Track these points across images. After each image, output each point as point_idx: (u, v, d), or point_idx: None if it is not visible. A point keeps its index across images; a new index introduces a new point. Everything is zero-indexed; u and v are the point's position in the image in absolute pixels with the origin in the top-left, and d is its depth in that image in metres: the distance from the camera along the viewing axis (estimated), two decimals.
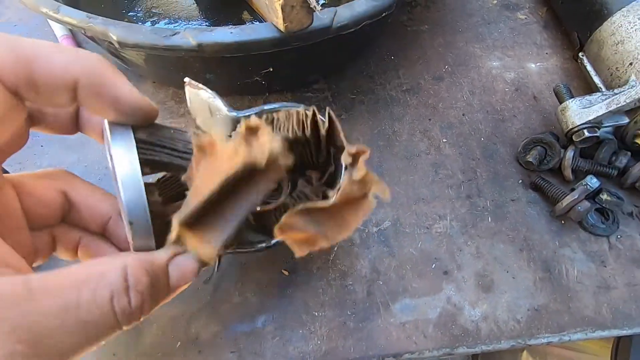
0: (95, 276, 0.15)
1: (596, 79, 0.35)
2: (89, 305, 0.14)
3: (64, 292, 0.14)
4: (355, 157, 0.19)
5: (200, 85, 0.23)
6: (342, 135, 0.21)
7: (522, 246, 0.31)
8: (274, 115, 0.22)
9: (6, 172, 0.22)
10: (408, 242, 0.31)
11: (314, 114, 0.22)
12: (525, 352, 0.60)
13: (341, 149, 0.21)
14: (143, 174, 0.17)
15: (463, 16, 0.44)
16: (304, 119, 0.22)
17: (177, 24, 0.39)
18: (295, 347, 0.26)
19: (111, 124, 0.17)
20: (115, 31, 0.25)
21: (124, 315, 0.15)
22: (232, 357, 0.26)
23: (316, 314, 0.28)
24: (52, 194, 0.20)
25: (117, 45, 0.25)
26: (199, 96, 0.24)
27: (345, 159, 0.19)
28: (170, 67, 0.32)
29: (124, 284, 0.15)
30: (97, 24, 0.25)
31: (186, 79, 0.24)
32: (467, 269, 0.30)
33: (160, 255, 0.17)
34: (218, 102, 0.23)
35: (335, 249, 0.30)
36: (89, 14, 0.25)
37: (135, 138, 0.17)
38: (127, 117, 0.17)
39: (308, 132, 0.22)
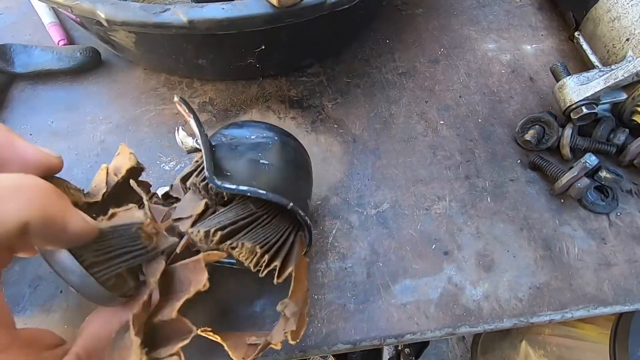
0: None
1: (593, 57, 0.35)
2: None
3: None
4: None
5: (187, 112, 0.22)
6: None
7: (522, 225, 0.30)
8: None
9: None
10: (407, 223, 0.30)
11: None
12: (524, 342, 0.60)
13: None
14: (122, 290, 0.17)
15: None
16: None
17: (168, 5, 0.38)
18: None
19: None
20: (104, 9, 0.24)
21: None
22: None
23: (315, 297, 0.27)
24: None
25: (105, 24, 0.24)
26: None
27: None
28: (161, 51, 0.32)
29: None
30: (84, 2, 0.24)
31: (176, 97, 0.23)
32: (467, 249, 0.29)
33: None
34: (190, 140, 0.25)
35: (334, 231, 0.29)
36: None
37: (83, 266, 0.16)
38: (73, 244, 0.16)
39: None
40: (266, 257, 0.20)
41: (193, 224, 0.20)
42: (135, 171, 0.23)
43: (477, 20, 0.42)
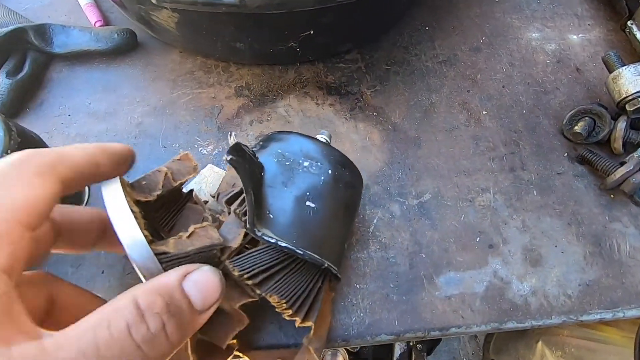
0: (107, 315, 0.14)
1: None
2: (107, 343, 0.13)
3: (78, 339, 0.13)
4: None
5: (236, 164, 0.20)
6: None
7: (570, 220, 0.29)
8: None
9: None
10: (450, 215, 0.29)
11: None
12: (540, 342, 0.59)
13: None
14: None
15: None
16: None
17: None
18: (337, 320, 0.25)
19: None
20: None
21: (147, 343, 0.14)
22: (272, 327, 0.25)
23: (358, 286, 0.26)
24: (37, 301, 0.18)
25: (154, 2, 0.24)
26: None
27: None
28: (202, 32, 0.31)
29: (137, 312, 0.14)
30: None
31: (226, 156, 0.19)
32: (513, 242, 0.28)
33: (170, 276, 0.16)
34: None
35: (375, 221, 0.29)
36: None
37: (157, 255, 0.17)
38: None
39: None
40: (291, 310, 0.20)
41: (230, 254, 0.20)
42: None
43: (520, 8, 0.41)
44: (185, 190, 0.23)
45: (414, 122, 0.33)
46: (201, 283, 0.16)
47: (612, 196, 0.30)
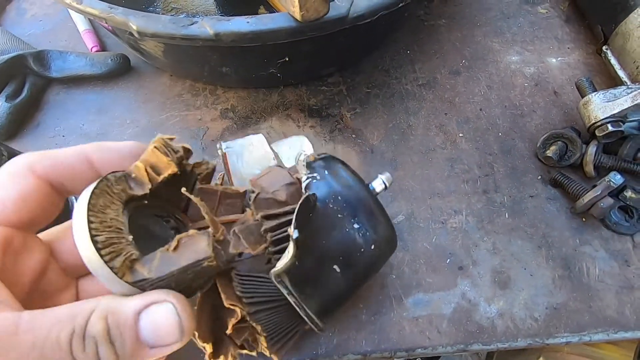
0: (67, 316, 0.14)
1: (621, 73, 0.34)
2: (52, 345, 0.14)
3: (40, 329, 0.14)
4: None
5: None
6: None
7: (541, 243, 0.30)
8: None
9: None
10: (422, 236, 0.30)
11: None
12: (541, 358, 0.58)
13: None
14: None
15: (481, 10, 0.43)
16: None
17: (186, 17, 0.39)
18: (306, 338, 0.26)
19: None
20: (135, 21, 0.25)
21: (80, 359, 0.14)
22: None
23: None
24: (31, 264, 0.18)
25: (136, 35, 0.26)
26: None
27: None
28: (188, 60, 0.33)
29: (83, 329, 0.14)
30: (118, 14, 0.26)
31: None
32: (483, 264, 0.29)
33: (129, 303, 0.15)
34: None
35: None
36: (111, 5, 0.26)
37: (137, 282, 0.16)
38: None
39: None
40: (266, 343, 0.20)
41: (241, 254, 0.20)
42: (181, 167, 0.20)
43: (500, 32, 0.42)
44: (224, 152, 0.23)
45: (391, 145, 0.35)
46: (159, 322, 0.16)
47: (583, 219, 0.31)
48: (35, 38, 0.41)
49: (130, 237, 0.17)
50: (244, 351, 0.22)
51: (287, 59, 0.30)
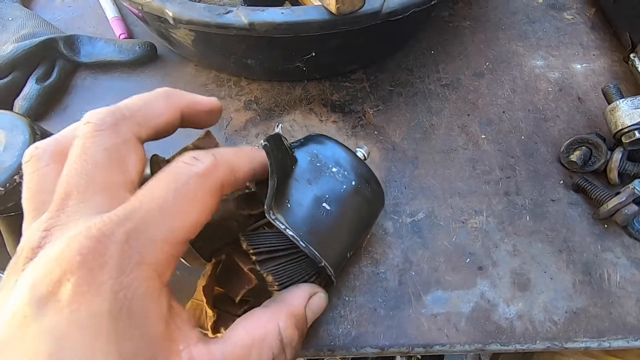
0: (258, 341, 0.17)
1: None
2: None
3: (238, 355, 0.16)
4: None
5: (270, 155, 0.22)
6: None
7: (562, 247, 0.30)
8: None
9: None
10: (442, 235, 0.30)
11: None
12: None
13: None
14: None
15: (506, 14, 0.43)
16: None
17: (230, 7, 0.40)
18: (324, 330, 0.26)
19: None
20: (172, 8, 0.26)
21: None
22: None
23: (347, 298, 0.27)
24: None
25: (172, 22, 0.26)
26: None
27: None
28: (216, 49, 0.33)
29: (280, 345, 0.18)
30: (155, 1, 0.26)
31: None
32: (502, 265, 0.29)
33: (300, 304, 0.20)
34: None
35: (368, 236, 0.30)
36: None
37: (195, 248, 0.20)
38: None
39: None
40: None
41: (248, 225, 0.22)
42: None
43: (525, 36, 0.42)
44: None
45: (413, 143, 0.35)
46: (316, 307, 0.21)
47: (605, 226, 0.31)
48: (64, 23, 0.42)
49: None
50: None
51: (313, 54, 0.30)
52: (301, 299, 0.20)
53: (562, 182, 0.33)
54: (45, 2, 0.44)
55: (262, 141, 0.20)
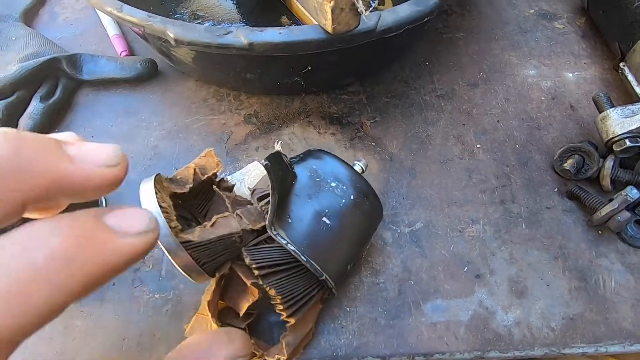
0: None
1: (638, 89, 0.34)
2: None
3: None
4: None
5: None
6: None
7: (557, 254, 0.30)
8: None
9: None
10: (440, 244, 0.31)
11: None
12: None
13: None
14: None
15: (499, 24, 0.44)
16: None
17: (221, 26, 0.41)
18: (326, 340, 0.27)
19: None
20: (173, 29, 0.26)
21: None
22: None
23: (348, 308, 0.28)
24: None
25: (173, 43, 0.27)
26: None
27: None
28: (216, 66, 0.34)
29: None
30: (156, 22, 0.27)
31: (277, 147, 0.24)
32: (500, 273, 0.29)
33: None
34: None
35: (368, 247, 0.30)
36: (149, 14, 0.27)
37: (199, 264, 0.20)
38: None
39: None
40: (282, 306, 0.22)
41: (248, 242, 0.23)
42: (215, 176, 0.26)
43: (518, 46, 0.42)
44: (230, 181, 0.27)
45: (410, 153, 0.35)
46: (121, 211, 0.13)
47: (600, 232, 0.31)
48: (67, 41, 0.43)
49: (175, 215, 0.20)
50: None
51: (309, 68, 0.31)
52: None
53: (556, 189, 0.33)
54: (48, 21, 0.45)
55: (263, 160, 0.20)
